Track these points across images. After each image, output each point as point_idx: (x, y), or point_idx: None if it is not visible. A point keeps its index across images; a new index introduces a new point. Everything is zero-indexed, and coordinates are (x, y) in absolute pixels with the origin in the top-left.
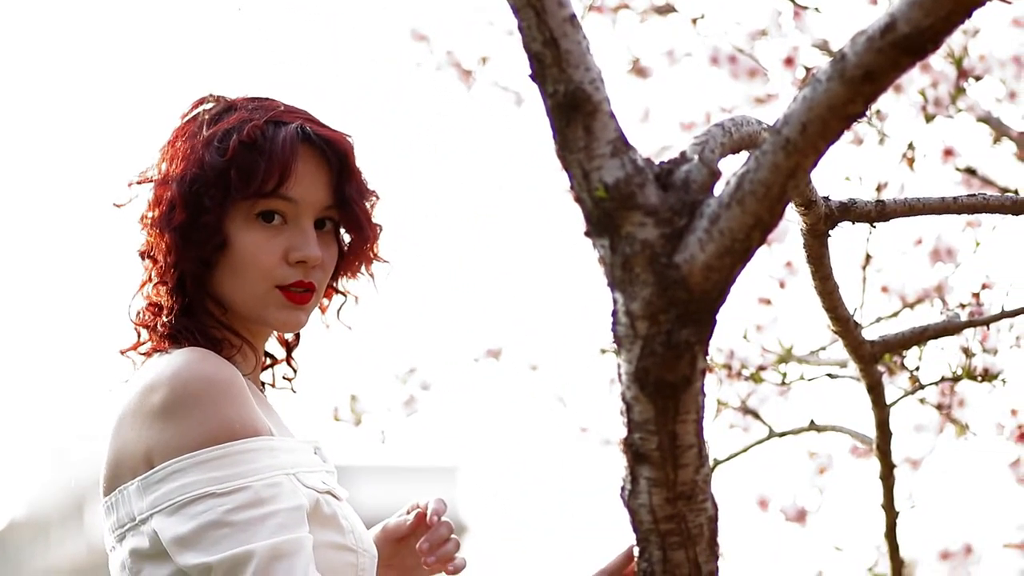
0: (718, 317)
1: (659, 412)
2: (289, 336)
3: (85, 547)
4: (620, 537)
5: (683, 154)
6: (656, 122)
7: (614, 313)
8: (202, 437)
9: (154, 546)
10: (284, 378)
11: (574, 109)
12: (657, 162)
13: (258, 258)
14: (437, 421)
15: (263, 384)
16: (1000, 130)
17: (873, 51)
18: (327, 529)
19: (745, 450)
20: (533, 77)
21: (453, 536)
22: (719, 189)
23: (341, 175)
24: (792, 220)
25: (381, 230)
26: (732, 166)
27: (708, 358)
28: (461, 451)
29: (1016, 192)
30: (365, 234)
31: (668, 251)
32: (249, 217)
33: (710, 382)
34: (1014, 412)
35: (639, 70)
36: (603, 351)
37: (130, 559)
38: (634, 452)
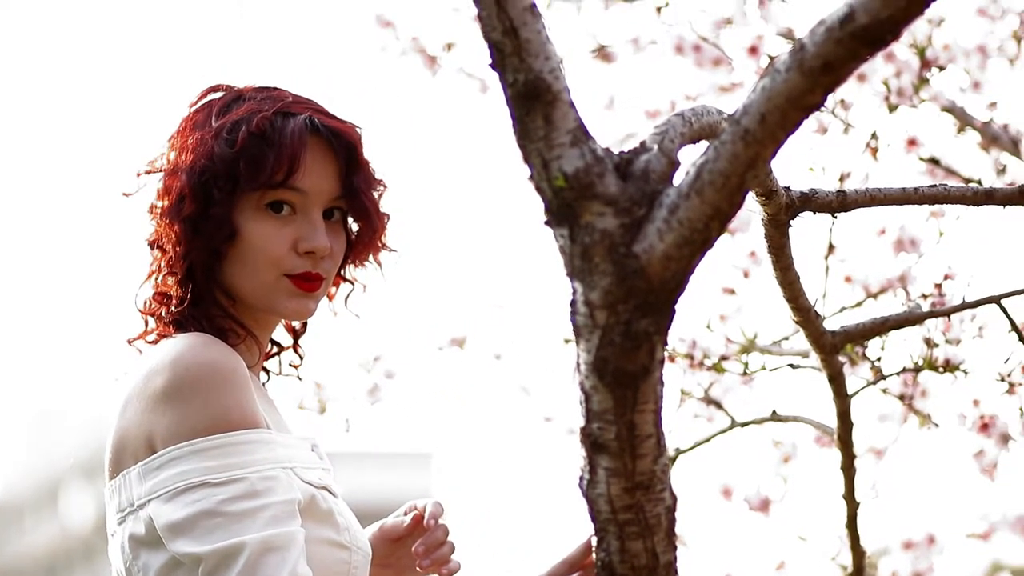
0: (677, 307)
1: (617, 402)
2: (297, 324)
3: (59, 532)
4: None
5: (643, 144)
6: (621, 109)
7: (573, 303)
8: (202, 425)
9: (150, 533)
10: (291, 365)
11: (534, 98)
12: (617, 151)
13: (267, 248)
14: (407, 408)
15: (267, 373)
16: (964, 120)
17: (832, 42)
18: (322, 525)
19: (708, 440)
20: (493, 66)
21: (449, 539)
22: (679, 179)
23: (349, 166)
24: (754, 210)
25: (389, 219)
26: (692, 156)
27: (670, 348)
28: (434, 438)
29: (979, 182)
30: (373, 224)
31: (627, 241)
32: (258, 208)
33: (673, 372)
34: (976, 403)
35: (604, 56)
36: (567, 340)
37: (128, 544)
38: (592, 442)
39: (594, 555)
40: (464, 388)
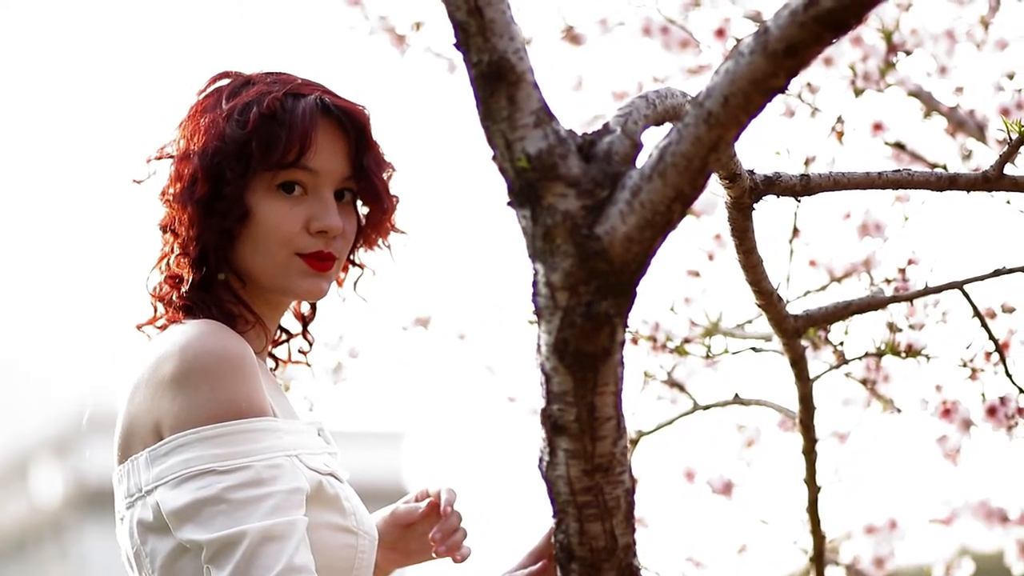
0: (638, 289)
1: (578, 384)
2: (305, 310)
3: (28, 508)
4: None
5: (606, 125)
6: (589, 91)
7: (535, 284)
8: (208, 412)
9: (157, 519)
10: (300, 351)
11: (498, 79)
12: (581, 133)
13: (280, 228)
14: (375, 388)
15: (276, 360)
16: (931, 105)
17: (796, 25)
18: (329, 511)
19: (670, 422)
20: (457, 46)
21: (463, 526)
22: (642, 161)
23: (359, 146)
24: (719, 193)
25: (398, 201)
26: (656, 138)
27: (633, 330)
28: (404, 418)
29: (945, 167)
30: (383, 205)
31: (589, 222)
32: (270, 188)
33: (637, 354)
34: (939, 388)
35: (573, 38)
36: (531, 321)
37: (137, 529)
38: (552, 423)
39: (552, 536)
40: (430, 368)
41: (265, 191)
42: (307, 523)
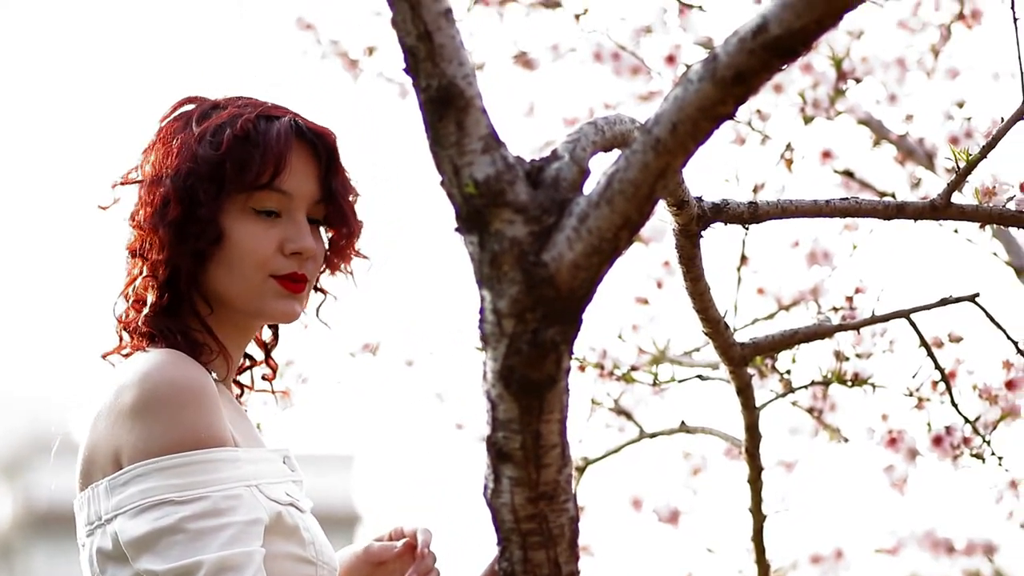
0: (585, 316)
1: (523, 411)
2: (267, 336)
3: None
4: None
5: (555, 152)
6: (541, 116)
7: (481, 310)
8: (167, 442)
9: (116, 548)
10: (263, 378)
11: (446, 104)
12: (529, 159)
13: (256, 250)
14: (325, 412)
15: (241, 387)
16: (880, 133)
17: (744, 52)
18: (288, 541)
19: (617, 450)
20: (407, 71)
21: (437, 567)
22: (590, 188)
23: (329, 169)
24: (668, 220)
25: (363, 226)
26: (604, 164)
27: (581, 357)
28: (354, 441)
29: (894, 195)
30: (350, 228)
31: (536, 249)
32: (244, 210)
33: (584, 381)
34: (884, 417)
35: (525, 63)
36: (479, 348)
37: (96, 558)
38: (497, 451)
39: (497, 564)
40: (379, 393)
41: (239, 213)
42: (264, 554)
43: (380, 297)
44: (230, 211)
